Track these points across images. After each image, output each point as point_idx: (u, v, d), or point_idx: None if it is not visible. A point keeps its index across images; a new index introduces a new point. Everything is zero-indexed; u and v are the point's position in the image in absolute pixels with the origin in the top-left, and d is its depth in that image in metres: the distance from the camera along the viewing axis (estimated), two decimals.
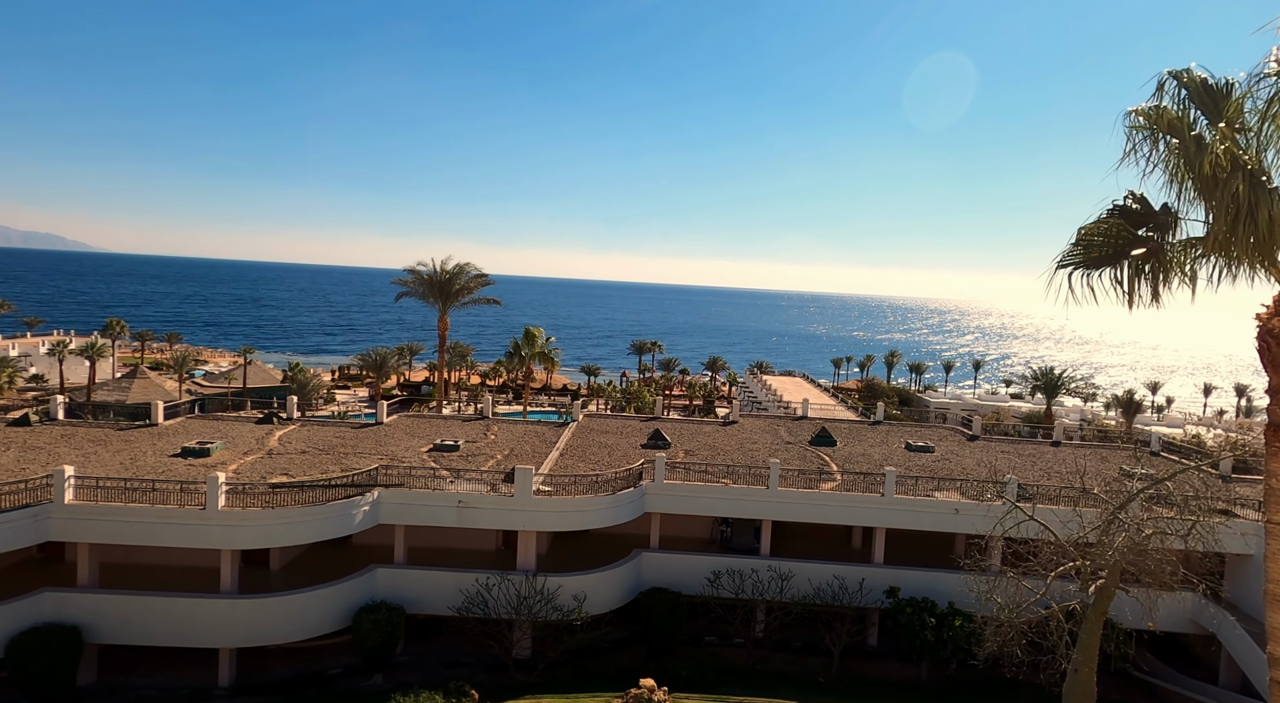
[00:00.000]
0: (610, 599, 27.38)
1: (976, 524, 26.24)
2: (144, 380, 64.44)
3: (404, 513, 26.23)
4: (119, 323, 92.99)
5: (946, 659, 26.42)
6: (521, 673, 25.58)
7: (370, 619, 24.46)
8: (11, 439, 30.14)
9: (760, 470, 29.58)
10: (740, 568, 28.39)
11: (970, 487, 29.45)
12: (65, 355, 72.84)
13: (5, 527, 22.07)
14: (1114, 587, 16.52)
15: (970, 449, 36.84)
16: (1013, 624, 17.16)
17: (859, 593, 28.01)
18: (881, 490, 28.80)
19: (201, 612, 23.75)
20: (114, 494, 23.53)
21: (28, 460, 27.13)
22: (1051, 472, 32.82)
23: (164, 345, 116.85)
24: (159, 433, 32.25)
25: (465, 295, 56.57)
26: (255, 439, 31.90)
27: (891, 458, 33.99)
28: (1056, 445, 38.61)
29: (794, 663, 28.20)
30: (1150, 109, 10.98)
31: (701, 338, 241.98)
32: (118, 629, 23.51)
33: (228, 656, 24.50)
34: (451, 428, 36.44)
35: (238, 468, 27.39)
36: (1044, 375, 66.92)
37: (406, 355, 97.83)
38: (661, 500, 28.87)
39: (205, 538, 23.43)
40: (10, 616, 22.28)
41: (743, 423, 40.94)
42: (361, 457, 29.86)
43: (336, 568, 26.40)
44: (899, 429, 41.48)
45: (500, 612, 25.45)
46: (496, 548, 30.20)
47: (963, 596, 25.11)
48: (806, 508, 28.83)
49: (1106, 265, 11.31)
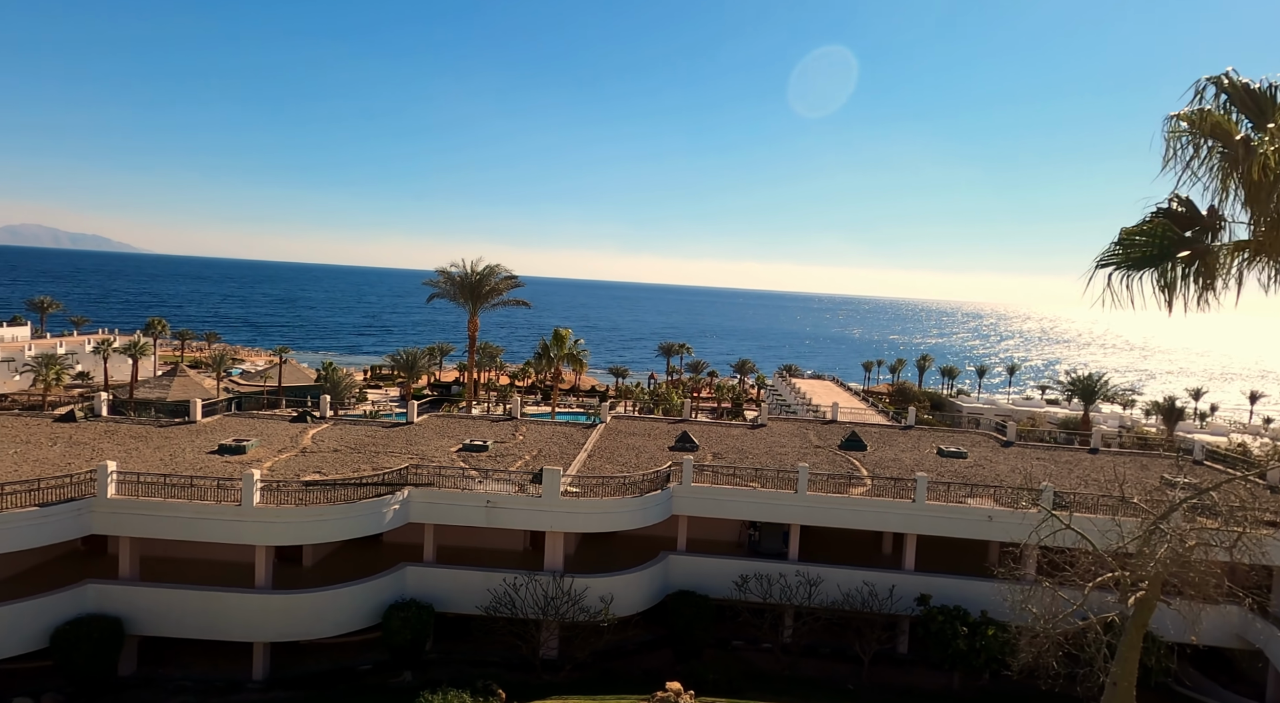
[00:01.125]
0: (637, 601, 27.35)
1: (1011, 532, 25.68)
2: (183, 379, 66.05)
3: (433, 512, 26.49)
4: (160, 322, 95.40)
5: (979, 669, 25.92)
6: (548, 673, 25.65)
7: (400, 617, 24.73)
8: (58, 434, 31.07)
9: (789, 474, 29.33)
10: (768, 572, 28.17)
11: (1004, 494, 28.88)
12: (109, 353, 74.91)
13: (51, 520, 22.75)
14: (1155, 599, 16.04)
15: (1004, 455, 36.14)
16: (1049, 635, 16.73)
17: (889, 600, 27.62)
18: (912, 496, 28.37)
19: (237, 606, 24.22)
20: (154, 490, 24.13)
21: (73, 455, 27.93)
22: (1089, 479, 32.07)
23: (203, 344, 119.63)
24: (197, 430, 32.99)
25: (495, 297, 57.01)
26: (289, 437, 32.46)
27: (923, 463, 33.48)
28: (1094, 453, 37.72)
29: (822, 669, 27.89)
30: (1193, 113, 10.74)
31: (731, 340, 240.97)
32: (157, 621, 24.09)
33: (262, 650, 24.94)
34: (480, 428, 36.73)
35: (272, 465, 27.89)
36: (1081, 381, 65.44)
37: (437, 356, 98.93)
38: (689, 503, 28.76)
39: (241, 534, 23.90)
40: (55, 606, 22.95)
41: (771, 426, 40.65)
42: (392, 456, 30.22)
43: (367, 566, 26.74)
44: (931, 434, 40.86)
45: (527, 612, 25.56)
46: (524, 548, 30.34)
47: (996, 605, 24.59)
48: (836, 513, 28.52)
49: (1150, 266, 11.00)
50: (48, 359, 64.35)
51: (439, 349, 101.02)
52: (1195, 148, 10.72)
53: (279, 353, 79.62)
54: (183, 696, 23.61)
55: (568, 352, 58.10)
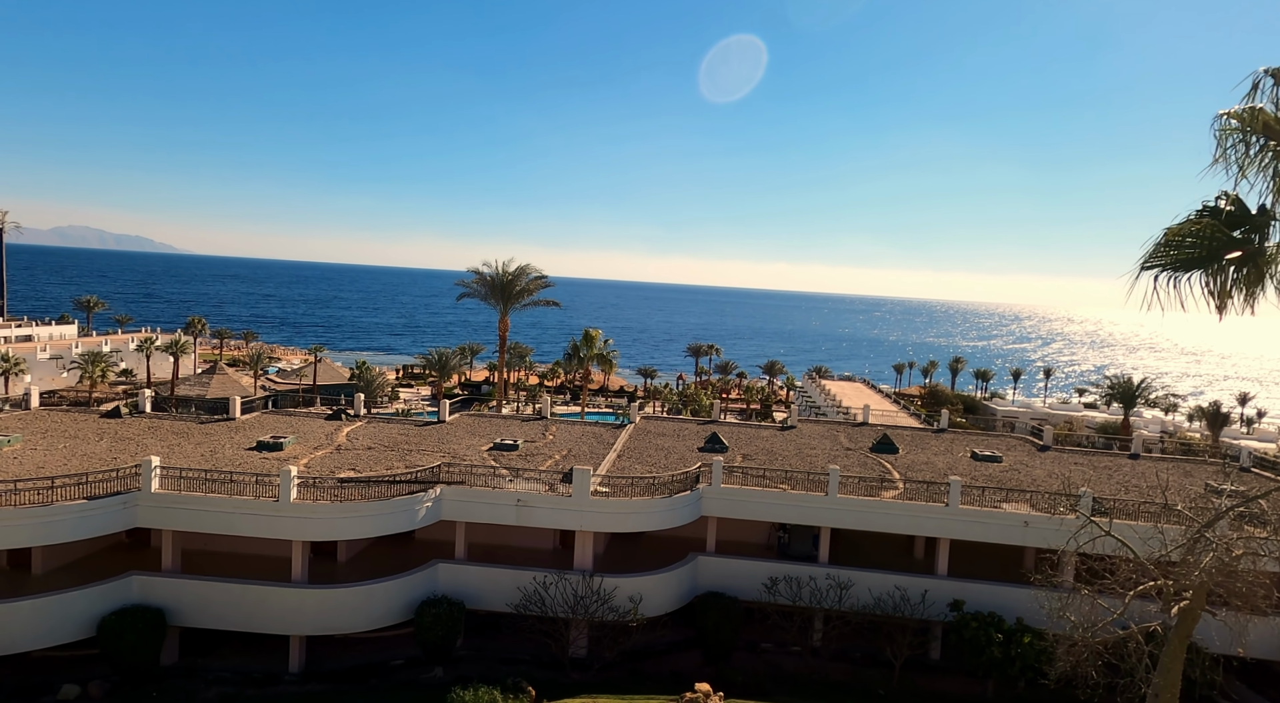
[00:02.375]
0: (666, 602, 27.35)
1: (1048, 538, 25.24)
2: (222, 376, 67.56)
3: (465, 510, 26.77)
4: (200, 321, 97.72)
5: (1014, 678, 25.46)
6: (577, 672, 25.76)
7: (432, 613, 25.04)
8: (105, 430, 32.00)
9: (819, 477, 29.10)
10: (798, 575, 27.98)
11: (1041, 499, 28.33)
12: (151, 351, 76.92)
13: (98, 513, 23.46)
14: (1199, 609, 15.62)
15: (1041, 460, 35.46)
16: (1087, 644, 16.39)
17: (921, 605, 27.26)
18: (946, 500, 27.97)
19: (274, 600, 24.72)
20: (195, 485, 24.75)
21: (119, 450, 28.74)
22: (1129, 486, 31.33)
23: (240, 343, 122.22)
24: (236, 427, 33.74)
25: (526, 297, 57.46)
26: (325, 435, 33.04)
27: (956, 467, 32.99)
28: (1135, 458, 36.84)
29: (852, 674, 27.62)
30: (1244, 111, 10.47)
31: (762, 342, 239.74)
32: (197, 613, 24.70)
33: (298, 643, 25.42)
34: (511, 427, 37.02)
35: (308, 462, 28.41)
36: (1121, 384, 63.89)
37: (467, 355, 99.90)
38: (718, 504, 28.69)
39: (278, 529, 24.39)
40: (102, 597, 23.66)
41: (801, 428, 40.36)
42: (424, 454, 30.60)
43: (399, 562, 27.11)
44: (964, 438, 40.23)
45: (557, 611, 25.71)
46: (554, 547, 30.52)
47: (1032, 612, 24.15)
48: (867, 516, 28.24)
49: (1197, 268, 10.71)
50: (94, 357, 66.30)
51: (469, 349, 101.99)
52: (1245, 146, 10.45)
53: (313, 352, 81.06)
54: (222, 686, 24.16)
55: (597, 352, 58.27)
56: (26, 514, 22.25)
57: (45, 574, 26.20)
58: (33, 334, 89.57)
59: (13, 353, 66.79)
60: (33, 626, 22.78)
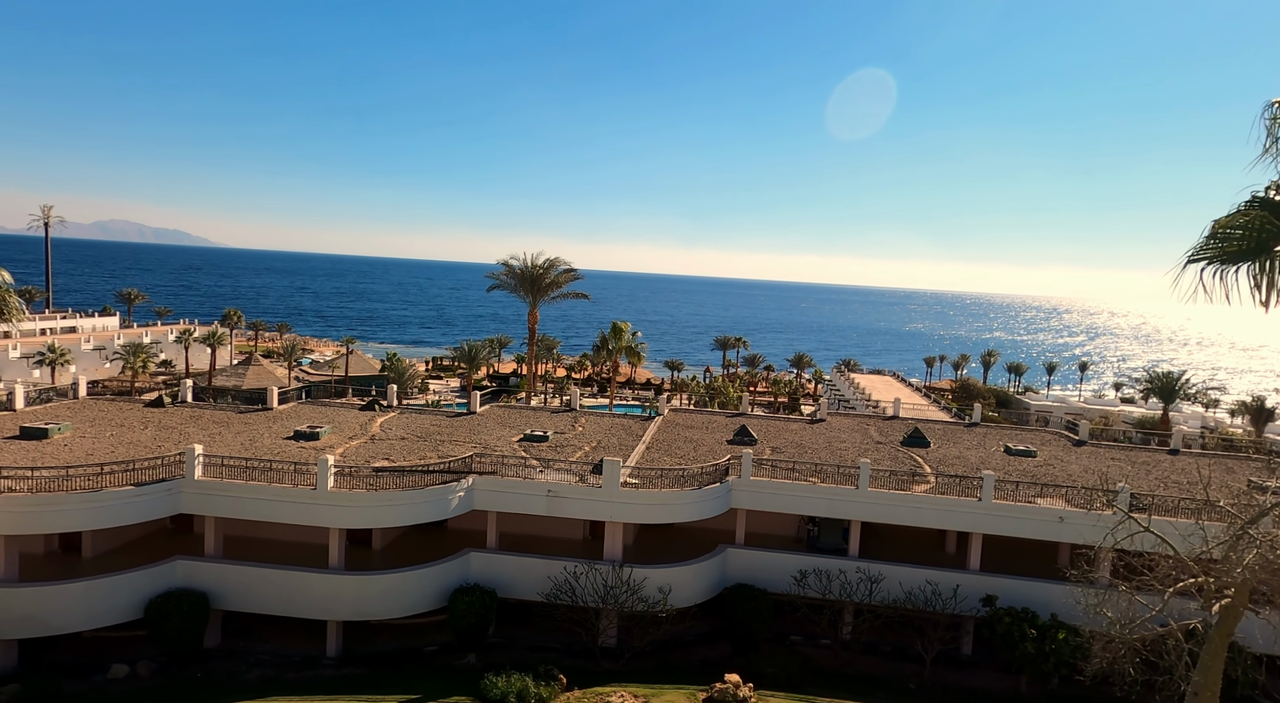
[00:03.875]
0: (695, 593, 27.49)
1: (1084, 534, 24.85)
2: (257, 367, 69.00)
3: (496, 500, 27.13)
4: (236, 313, 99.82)
5: (1048, 674, 25.19)
6: (607, 661, 26.04)
7: (465, 601, 25.47)
8: (149, 419, 32.94)
9: (849, 470, 28.98)
10: (828, 568, 27.93)
11: (1077, 494, 27.92)
12: (190, 343, 78.78)
13: (145, 498, 24.22)
14: (1242, 607, 15.34)
15: (1076, 455, 34.90)
16: (1125, 641, 16.19)
17: (953, 599, 27.07)
18: (978, 494, 27.70)
19: (313, 586, 25.32)
20: (236, 473, 25.41)
21: (162, 438, 29.58)
22: (1169, 482, 30.73)
23: (274, 335, 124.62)
24: (274, 417, 34.50)
25: (555, 290, 57.74)
26: (359, 425, 33.66)
27: (989, 461, 32.61)
28: (1174, 454, 36.08)
29: (883, 667, 27.54)
30: None
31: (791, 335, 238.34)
32: (239, 597, 25.40)
33: (335, 628, 26.03)
34: (540, 419, 37.35)
35: (344, 452, 28.99)
36: (1161, 378, 62.50)
37: (496, 348, 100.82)
38: (748, 497, 28.72)
39: (316, 516, 24.96)
40: (148, 580, 24.45)
41: (830, 421, 40.17)
42: (456, 444, 31.04)
43: (432, 550, 27.59)
44: (997, 432, 39.73)
45: (587, 600, 25.98)
46: (584, 538, 30.79)
47: (1067, 608, 23.88)
48: (898, 510, 28.07)
49: (1245, 260, 10.48)
50: (135, 348, 68.11)
51: (498, 341, 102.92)
52: None
53: (345, 344, 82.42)
54: (263, 668, 24.84)
55: (625, 345, 58.42)
56: (78, 499, 23.06)
57: (95, 558, 27.14)
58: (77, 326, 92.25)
59: (58, 344, 68.85)
60: (84, 607, 23.63)
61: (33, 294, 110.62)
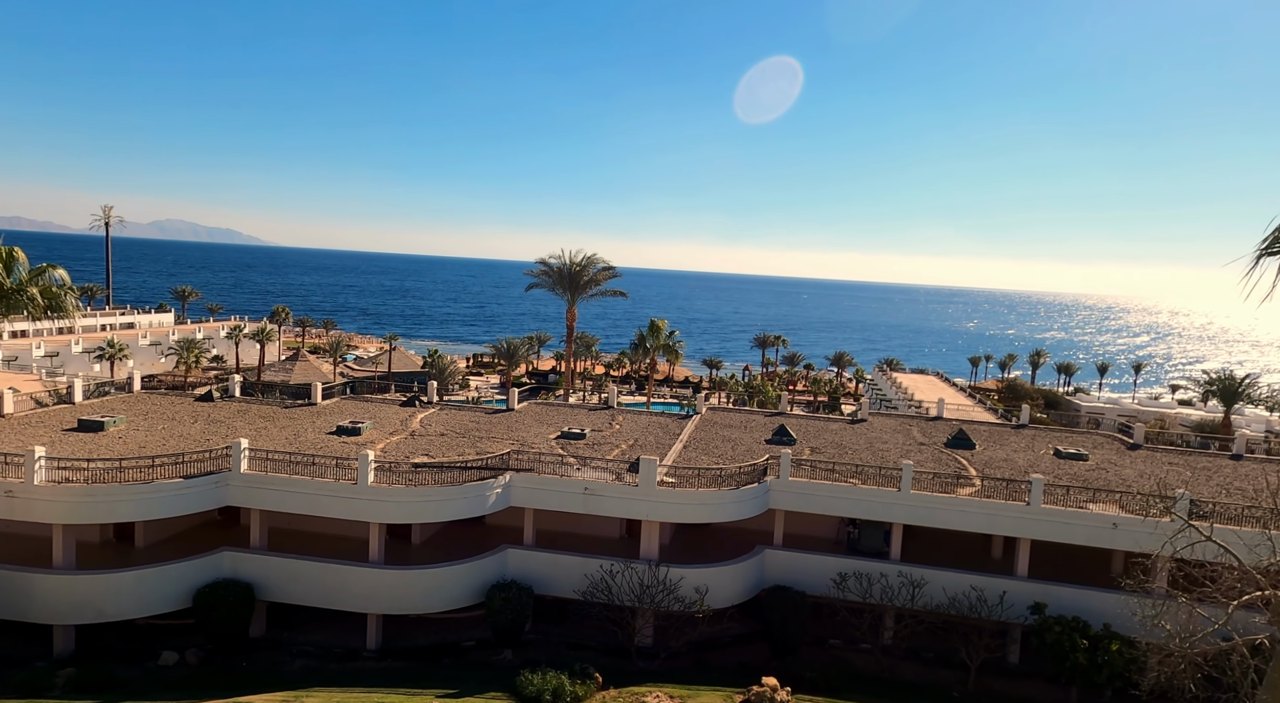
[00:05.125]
0: (732, 594, 27.19)
1: (1140, 542, 23.92)
2: (304, 363, 70.63)
3: (534, 497, 27.19)
4: (284, 310, 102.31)
5: (1101, 686, 24.28)
6: (643, 661, 25.90)
7: (501, 597, 25.59)
8: (198, 413, 33.86)
9: (892, 472, 28.34)
10: (868, 571, 27.35)
11: (1132, 500, 26.83)
12: (240, 339, 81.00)
13: (194, 491, 24.87)
14: None
15: (1131, 459, 33.61)
16: (1184, 655, 15.43)
17: (999, 606, 26.24)
18: (1027, 499, 26.82)
19: (354, 579, 25.71)
20: (281, 467, 25.92)
21: (211, 433, 30.36)
22: (1231, 488, 29.37)
23: (321, 331, 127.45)
24: (317, 412, 35.17)
25: (593, 287, 57.80)
26: (399, 421, 34.10)
27: (1038, 465, 31.59)
28: (1237, 459, 34.50)
29: (925, 674, 26.87)
30: None
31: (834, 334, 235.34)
32: (283, 589, 25.91)
33: (375, 621, 26.39)
34: (578, 416, 37.38)
35: (384, 447, 29.37)
36: (1222, 380, 59.92)
37: (535, 345, 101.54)
38: (786, 497, 28.29)
39: (357, 511, 25.32)
40: (196, 570, 25.11)
41: (872, 421, 39.39)
42: (494, 441, 31.21)
43: (470, 546, 27.78)
44: (1046, 434, 38.49)
45: (623, 599, 25.86)
46: (620, 536, 30.70)
47: (1121, 618, 22.96)
48: (942, 513, 27.35)
49: None
50: (188, 343, 70.32)
51: (537, 338, 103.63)
52: None
53: (389, 341, 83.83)
54: (306, 659, 25.31)
55: (663, 342, 58.25)
56: (131, 491, 23.78)
57: (147, 547, 27.99)
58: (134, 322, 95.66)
59: (117, 339, 71.42)
60: (136, 595, 24.38)
61: (94, 292, 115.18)
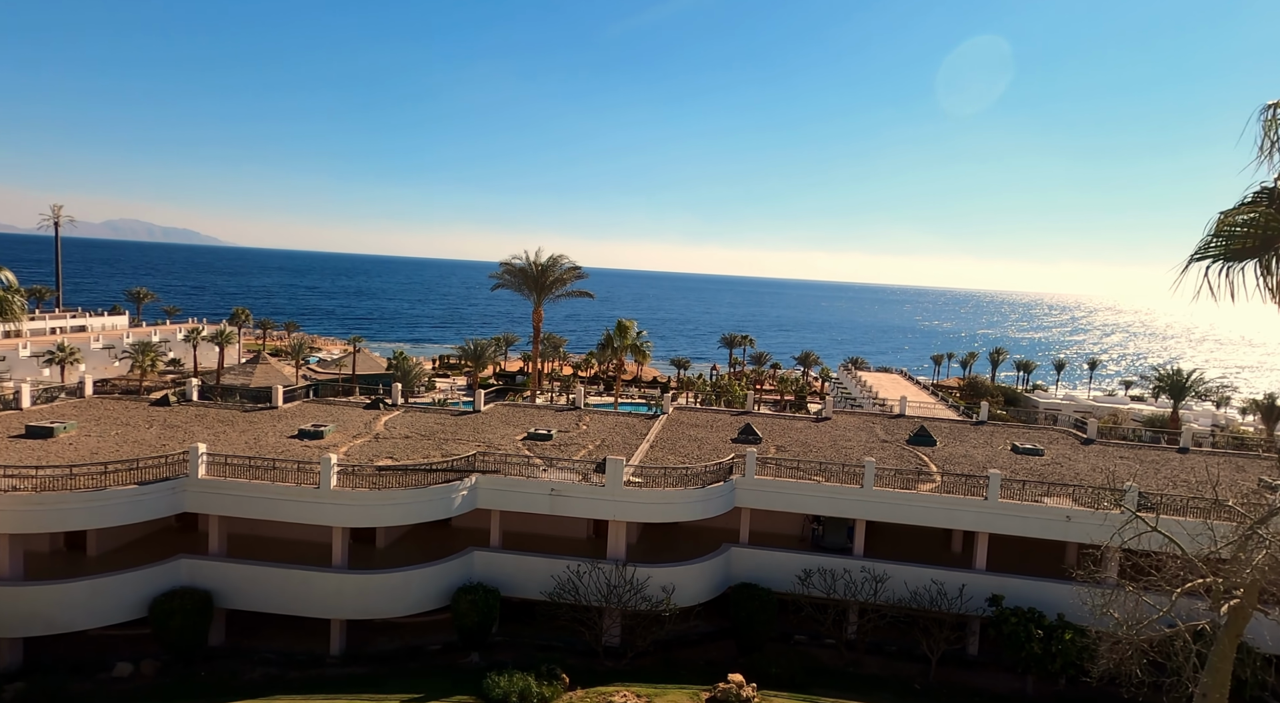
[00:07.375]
0: (699, 592, 27.39)
1: (1091, 533, 24.62)
2: (265, 366, 69.29)
3: (500, 498, 27.09)
4: (244, 312, 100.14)
5: (1055, 674, 25.00)
6: (610, 660, 25.96)
7: (468, 600, 25.44)
8: (154, 417, 33.05)
9: (855, 469, 28.80)
10: (832, 567, 27.78)
11: (1084, 493, 27.66)
12: (198, 341, 79.16)
13: (149, 497, 24.28)
14: (1251, 608, 15.12)
15: (1084, 454, 34.60)
16: (1132, 642, 15.98)
17: (959, 599, 26.87)
18: (985, 493, 27.47)
19: (316, 584, 25.34)
20: (240, 471, 25.44)
21: (167, 438, 29.67)
22: (1178, 481, 30.42)
23: (283, 333, 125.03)
24: (279, 415, 34.56)
25: (559, 288, 57.66)
26: (363, 423, 33.68)
27: (996, 460, 32.36)
28: (1184, 452, 35.72)
29: (888, 667, 27.37)
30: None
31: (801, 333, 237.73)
32: (243, 596, 25.44)
33: (339, 627, 26.04)
34: (545, 417, 37.30)
35: (348, 450, 29.00)
36: (1170, 376, 61.97)
37: (502, 346, 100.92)
38: (752, 496, 28.58)
39: (319, 515, 24.96)
40: (152, 578, 24.52)
41: (836, 419, 39.96)
42: (460, 443, 31.01)
43: (436, 549, 27.57)
44: (1004, 430, 39.44)
45: (591, 599, 25.91)
46: (587, 536, 30.72)
47: (1074, 608, 23.66)
48: (903, 509, 27.88)
49: (1251, 258, 10.29)
50: (144, 347, 68.47)
51: (504, 340, 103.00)
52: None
53: (353, 342, 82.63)
54: (267, 667, 24.87)
55: (631, 343, 58.36)
56: (82, 498, 23.13)
57: (100, 556, 27.24)
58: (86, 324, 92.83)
59: (68, 342, 69.29)
60: (89, 605, 23.71)
61: (43, 293, 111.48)
